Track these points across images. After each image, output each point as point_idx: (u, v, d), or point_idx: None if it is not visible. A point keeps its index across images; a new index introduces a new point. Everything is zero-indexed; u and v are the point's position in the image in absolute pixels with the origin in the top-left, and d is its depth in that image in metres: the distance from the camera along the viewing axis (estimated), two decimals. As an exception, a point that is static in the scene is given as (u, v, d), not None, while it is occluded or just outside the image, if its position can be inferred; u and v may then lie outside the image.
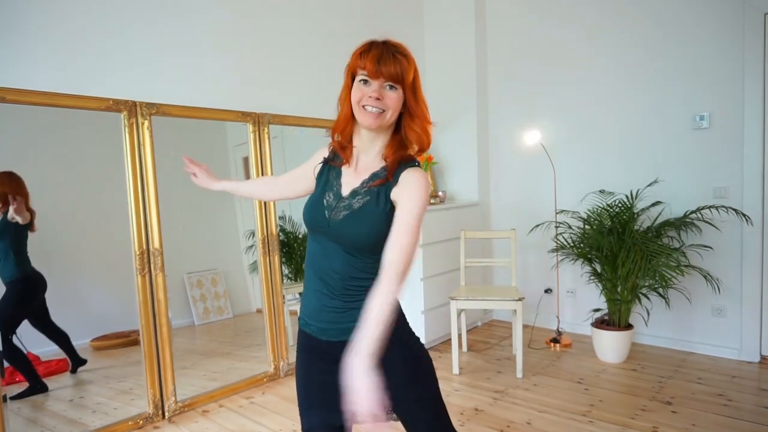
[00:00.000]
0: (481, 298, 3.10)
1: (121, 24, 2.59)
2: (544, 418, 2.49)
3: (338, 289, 1.23)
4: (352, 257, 1.21)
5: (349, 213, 1.21)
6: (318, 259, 1.26)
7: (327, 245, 1.24)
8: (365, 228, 1.19)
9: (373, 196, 1.21)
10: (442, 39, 4.30)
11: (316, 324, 1.26)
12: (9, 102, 2.17)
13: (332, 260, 1.23)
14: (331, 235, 1.22)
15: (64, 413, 2.45)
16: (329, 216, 1.23)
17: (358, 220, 1.20)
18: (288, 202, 3.33)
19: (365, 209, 1.20)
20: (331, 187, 1.28)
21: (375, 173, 1.24)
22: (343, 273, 1.22)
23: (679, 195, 3.31)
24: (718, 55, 3.15)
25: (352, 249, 1.21)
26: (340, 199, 1.24)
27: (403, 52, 1.22)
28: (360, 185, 1.24)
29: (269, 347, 3.09)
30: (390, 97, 1.20)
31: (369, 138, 1.26)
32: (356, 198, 1.23)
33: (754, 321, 3.12)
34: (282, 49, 3.35)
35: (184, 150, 3.00)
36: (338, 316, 1.23)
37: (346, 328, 1.21)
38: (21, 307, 2.53)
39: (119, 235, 2.56)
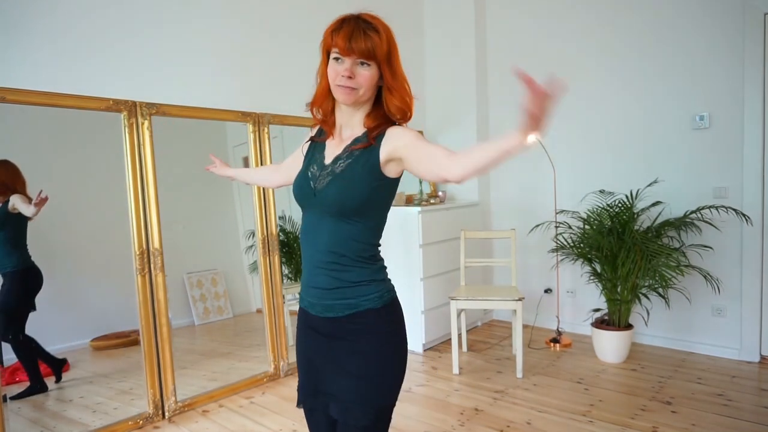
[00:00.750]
0: (481, 298, 3.10)
1: (122, 24, 2.59)
2: (544, 418, 2.49)
3: (327, 263, 1.20)
4: (341, 223, 1.19)
5: (332, 178, 1.20)
6: (306, 236, 1.25)
7: (316, 217, 1.23)
8: (349, 190, 1.17)
9: (354, 159, 1.20)
10: (442, 39, 4.30)
11: (308, 299, 1.26)
12: (9, 102, 2.17)
13: (321, 232, 1.21)
14: (318, 204, 1.21)
15: (64, 413, 2.46)
16: (314, 186, 1.23)
17: (341, 183, 1.19)
18: (288, 202, 3.34)
19: (347, 171, 1.19)
20: (315, 160, 1.29)
21: (357, 138, 1.23)
22: (331, 242, 1.20)
23: (679, 195, 3.31)
24: (718, 55, 3.15)
25: (338, 214, 1.19)
26: (323, 168, 1.24)
27: (375, 27, 1.21)
28: (342, 151, 1.24)
29: (269, 347, 3.09)
30: (362, 75, 1.18)
31: (349, 112, 1.26)
32: (338, 163, 1.22)
33: (754, 321, 3.12)
34: (282, 49, 3.35)
35: (184, 150, 3.02)
36: (325, 294, 1.21)
37: (331, 305, 1.21)
38: (24, 298, 2.52)
39: (119, 235, 2.56)
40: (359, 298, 1.20)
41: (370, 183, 1.18)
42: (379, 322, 1.21)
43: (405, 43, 1.45)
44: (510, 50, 4.11)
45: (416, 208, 3.46)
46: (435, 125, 4.42)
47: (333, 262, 1.20)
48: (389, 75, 1.20)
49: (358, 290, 1.20)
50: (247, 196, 3.11)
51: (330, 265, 1.20)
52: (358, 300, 1.20)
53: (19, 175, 2.46)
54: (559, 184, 3.74)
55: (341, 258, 1.20)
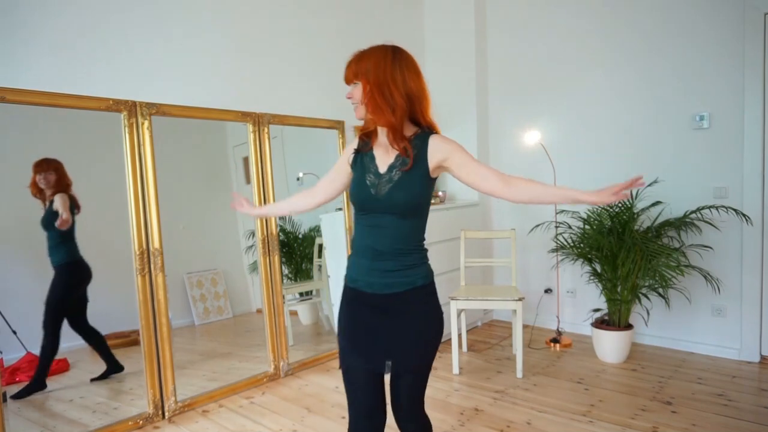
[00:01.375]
0: (481, 298, 3.10)
1: (122, 24, 2.59)
2: (544, 418, 2.49)
3: (389, 251, 1.48)
4: (401, 221, 1.47)
5: (392, 185, 1.45)
6: (370, 231, 1.50)
7: (377, 218, 1.48)
8: (407, 194, 1.45)
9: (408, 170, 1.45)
10: (443, 39, 4.30)
11: (364, 279, 1.52)
12: (9, 102, 2.17)
13: (383, 229, 1.48)
14: (381, 207, 1.46)
15: (64, 413, 2.45)
16: (375, 192, 1.46)
17: (400, 189, 1.44)
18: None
19: (405, 179, 1.45)
20: (368, 169, 1.51)
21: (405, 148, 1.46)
22: (394, 237, 1.48)
23: (679, 195, 3.31)
24: (718, 55, 3.15)
25: (399, 213, 1.46)
26: (380, 177, 1.48)
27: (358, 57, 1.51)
28: (395, 160, 1.47)
29: (269, 347, 3.09)
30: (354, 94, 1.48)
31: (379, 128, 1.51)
32: (394, 171, 1.46)
33: (754, 321, 3.12)
34: (282, 50, 3.35)
35: (184, 150, 3.01)
36: (386, 274, 1.49)
37: (392, 282, 1.49)
38: (68, 291, 2.65)
39: (119, 235, 2.56)
40: (414, 276, 1.51)
41: (423, 186, 1.47)
42: (426, 295, 1.55)
43: (405, 44, 1.48)
44: (510, 51, 4.11)
45: (416, 208, 3.45)
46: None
47: (397, 249, 1.48)
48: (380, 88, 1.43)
49: (412, 271, 1.51)
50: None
51: (394, 252, 1.48)
52: (413, 278, 1.51)
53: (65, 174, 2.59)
54: (559, 184, 3.74)
55: (403, 247, 1.49)
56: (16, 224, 2.45)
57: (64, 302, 2.63)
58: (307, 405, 2.74)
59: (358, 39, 3.88)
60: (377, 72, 1.44)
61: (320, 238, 3.64)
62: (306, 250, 3.66)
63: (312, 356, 3.37)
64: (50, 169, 2.55)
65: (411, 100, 1.44)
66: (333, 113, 3.61)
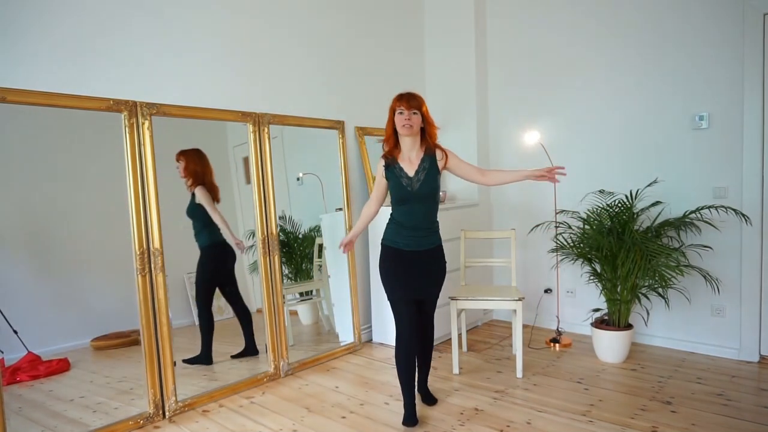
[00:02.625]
0: (481, 298, 3.10)
1: (122, 24, 2.60)
2: (544, 418, 2.49)
3: (423, 223, 2.44)
4: (428, 205, 2.44)
5: (420, 183, 2.39)
6: (411, 212, 2.42)
7: (413, 205, 2.41)
8: (430, 185, 2.41)
9: (428, 171, 2.41)
10: (443, 39, 4.30)
11: (403, 241, 2.43)
12: (10, 102, 2.18)
13: (419, 210, 2.42)
14: (415, 197, 2.39)
15: (64, 413, 2.46)
16: (411, 189, 2.39)
17: (426, 183, 2.40)
18: (288, 203, 3.37)
19: (427, 177, 2.40)
20: (401, 175, 2.41)
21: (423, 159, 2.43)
22: (425, 214, 2.44)
23: (678, 195, 3.31)
24: (718, 56, 3.16)
25: (427, 200, 2.42)
26: (411, 179, 2.40)
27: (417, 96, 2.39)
28: (418, 167, 2.41)
29: (269, 347, 3.10)
30: (415, 118, 2.36)
31: (411, 142, 2.43)
32: (419, 174, 2.41)
33: (754, 321, 3.13)
34: (282, 50, 3.35)
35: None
36: (425, 238, 2.46)
37: (429, 242, 2.47)
38: (213, 270, 3.00)
39: (119, 235, 2.56)
40: (436, 238, 2.52)
41: (437, 180, 2.46)
42: (441, 250, 2.55)
43: (405, 44, 1.48)
44: (510, 50, 4.11)
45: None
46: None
47: (429, 221, 2.47)
48: (427, 118, 2.43)
49: (435, 235, 2.52)
50: (248, 195, 3.12)
51: (427, 224, 2.46)
52: (435, 239, 2.51)
53: (208, 164, 2.87)
54: (559, 184, 3.73)
55: (431, 220, 2.49)
56: (16, 224, 2.45)
57: (211, 279, 2.99)
58: (307, 405, 2.74)
59: (359, 39, 3.91)
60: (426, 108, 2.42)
61: (320, 238, 3.64)
62: (306, 250, 3.66)
63: (312, 356, 3.38)
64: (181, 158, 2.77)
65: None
66: (333, 113, 3.61)
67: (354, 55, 3.82)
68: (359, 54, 3.86)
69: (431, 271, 2.48)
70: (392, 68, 4.12)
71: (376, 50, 3.99)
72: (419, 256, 2.43)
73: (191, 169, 2.82)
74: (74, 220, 2.63)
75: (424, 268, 2.45)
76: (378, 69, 4.00)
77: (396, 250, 2.44)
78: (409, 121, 2.32)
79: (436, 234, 2.51)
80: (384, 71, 4.05)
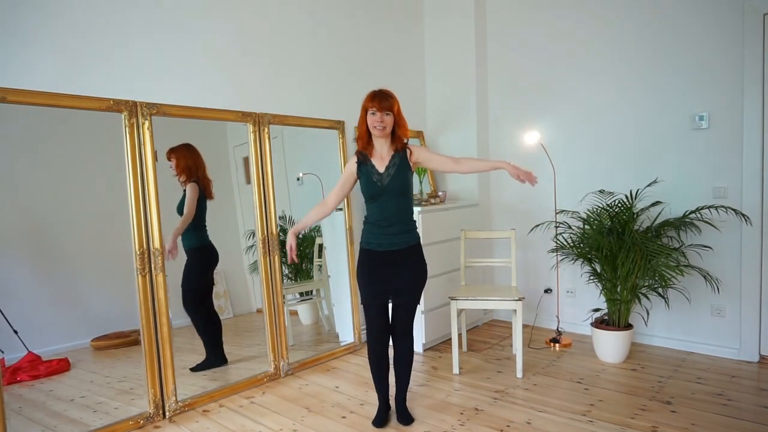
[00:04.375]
0: (481, 298, 3.10)
1: (122, 24, 2.60)
2: (544, 418, 2.49)
3: (396, 220, 2.35)
4: (399, 199, 2.35)
5: (390, 177, 2.34)
6: (382, 208, 2.35)
7: (384, 201, 2.34)
8: (400, 179, 2.34)
9: (398, 166, 2.35)
10: (442, 39, 4.31)
11: (376, 240, 2.36)
12: (10, 102, 2.17)
13: (390, 205, 2.34)
14: (385, 192, 2.33)
15: (65, 413, 2.46)
16: (381, 184, 2.33)
17: (396, 178, 2.33)
18: (288, 203, 3.37)
19: (397, 172, 2.34)
20: (372, 172, 2.36)
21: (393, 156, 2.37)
22: (396, 211, 2.35)
23: (678, 195, 3.31)
24: (718, 56, 3.16)
25: (398, 195, 2.34)
26: (381, 174, 2.35)
27: (391, 95, 2.33)
28: (389, 162, 2.36)
29: (269, 347, 3.10)
30: (387, 120, 2.31)
31: (381, 142, 2.38)
32: (390, 169, 2.35)
33: (754, 321, 3.13)
34: (282, 50, 3.35)
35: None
36: (398, 236, 2.36)
37: (401, 240, 2.36)
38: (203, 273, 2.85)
39: (120, 235, 2.56)
40: (411, 237, 2.40)
41: (408, 175, 2.38)
42: (418, 251, 2.44)
43: (405, 45, 1.48)
44: (510, 50, 4.11)
45: (417, 208, 3.45)
46: (435, 126, 4.43)
47: (401, 218, 2.37)
48: (398, 119, 2.35)
49: (410, 234, 2.40)
50: (248, 195, 3.12)
51: (399, 221, 2.36)
52: (411, 238, 2.40)
53: (200, 157, 2.81)
54: (559, 184, 3.75)
55: (404, 217, 2.39)
56: (16, 224, 2.45)
57: (199, 282, 2.87)
58: (307, 405, 2.74)
59: (359, 40, 3.91)
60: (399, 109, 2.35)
61: (320, 238, 3.65)
62: (306, 250, 3.66)
63: (312, 356, 3.38)
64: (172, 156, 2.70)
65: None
66: (333, 113, 3.61)
67: (354, 55, 3.82)
68: (359, 54, 3.86)
69: (405, 272, 2.37)
70: (392, 68, 4.12)
71: (376, 50, 3.99)
72: (393, 256, 2.34)
73: (183, 165, 2.75)
74: (74, 220, 2.63)
75: (398, 269, 2.35)
76: (378, 69, 4.00)
77: (369, 252, 2.38)
78: (382, 122, 2.28)
79: (412, 233, 2.41)
80: (384, 71, 4.05)
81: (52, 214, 2.56)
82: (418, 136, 4.32)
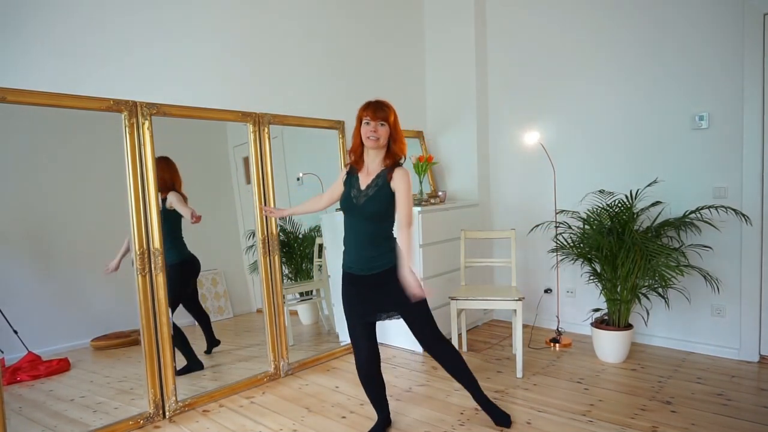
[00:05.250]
0: (481, 298, 3.10)
1: (122, 24, 2.60)
2: (544, 418, 2.49)
3: (367, 244, 2.16)
4: (372, 224, 2.15)
5: (366, 198, 2.14)
6: (354, 228, 2.18)
7: (356, 220, 2.17)
8: (376, 205, 2.13)
9: (379, 188, 2.13)
10: (442, 39, 4.31)
11: (356, 265, 2.18)
12: (10, 102, 2.17)
13: (361, 228, 2.17)
14: (358, 212, 2.15)
15: (65, 413, 2.46)
16: (356, 202, 2.15)
17: (372, 201, 2.13)
18: (288, 204, 3.37)
19: (376, 195, 2.13)
20: (353, 186, 2.19)
21: (378, 175, 2.16)
22: (369, 234, 2.16)
23: (678, 195, 3.31)
24: (718, 56, 3.16)
25: (371, 218, 2.14)
26: (360, 191, 2.17)
27: (387, 105, 2.15)
28: (371, 181, 2.15)
29: (269, 347, 3.10)
30: (381, 131, 2.12)
31: (373, 155, 2.18)
32: (369, 189, 2.15)
33: (754, 321, 3.13)
34: (282, 50, 3.35)
35: (184, 150, 3.01)
36: (369, 261, 2.16)
37: (373, 266, 2.16)
38: (180, 286, 2.78)
39: (120, 235, 2.56)
40: (384, 261, 2.17)
41: (388, 201, 2.14)
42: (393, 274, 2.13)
43: (405, 45, 1.48)
44: (510, 50, 4.11)
45: (416, 208, 3.46)
46: (435, 126, 4.43)
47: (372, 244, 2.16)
48: (394, 132, 2.16)
49: (383, 258, 2.17)
50: (248, 195, 3.12)
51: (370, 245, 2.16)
52: (384, 262, 2.16)
53: (177, 172, 2.76)
54: (559, 184, 3.75)
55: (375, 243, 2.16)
56: (16, 224, 2.45)
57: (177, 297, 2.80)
58: (307, 405, 2.74)
59: (359, 39, 3.91)
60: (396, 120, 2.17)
61: (320, 238, 3.65)
62: (306, 250, 3.66)
63: (312, 356, 3.38)
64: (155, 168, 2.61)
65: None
66: (333, 113, 3.61)
67: (354, 55, 3.82)
68: (359, 54, 3.86)
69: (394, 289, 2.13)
70: (392, 68, 4.12)
71: (376, 50, 3.99)
72: (375, 279, 2.16)
73: (159, 177, 2.62)
74: (74, 220, 2.63)
75: (385, 288, 2.16)
76: (378, 69, 4.01)
77: (350, 276, 2.22)
78: (375, 133, 2.09)
79: (385, 256, 2.16)
80: (384, 71, 4.05)
81: (52, 214, 2.56)
82: (417, 136, 4.32)
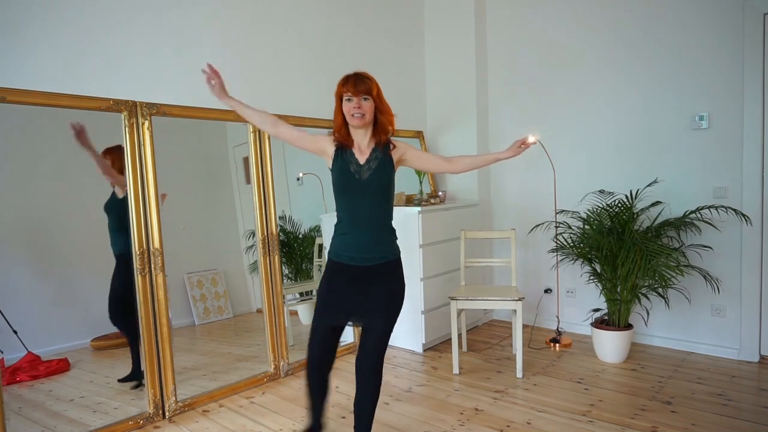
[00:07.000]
0: (481, 298, 3.10)
1: (122, 24, 2.60)
2: (544, 418, 2.49)
3: (370, 227, 1.92)
4: (377, 204, 1.93)
5: (371, 172, 1.93)
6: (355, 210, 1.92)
7: (358, 199, 1.92)
8: (383, 179, 1.94)
9: (380, 160, 1.96)
10: (442, 39, 4.31)
11: (347, 253, 1.92)
12: (9, 102, 2.17)
13: (364, 208, 1.92)
14: (362, 187, 1.91)
15: (64, 413, 2.46)
16: (359, 177, 1.92)
17: (378, 174, 1.93)
18: (288, 204, 3.36)
19: (379, 167, 1.94)
20: (350, 161, 1.95)
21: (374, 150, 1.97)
22: (372, 215, 1.92)
23: (678, 195, 3.31)
24: (718, 56, 3.16)
25: (377, 194, 1.93)
26: (361, 166, 1.94)
27: (368, 77, 1.94)
28: (370, 155, 1.96)
29: (269, 347, 3.10)
30: (366, 105, 1.91)
31: (360, 132, 1.97)
32: (371, 163, 1.95)
33: (754, 321, 3.13)
34: (282, 50, 3.35)
35: (184, 150, 3.02)
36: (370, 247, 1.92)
37: (373, 255, 1.92)
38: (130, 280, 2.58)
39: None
40: (389, 250, 1.96)
41: (391, 173, 1.97)
42: (398, 268, 1.99)
43: (405, 45, 1.49)
44: (510, 50, 4.11)
45: (416, 208, 3.46)
46: (435, 126, 4.42)
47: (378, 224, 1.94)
48: (379, 104, 1.95)
49: (388, 246, 1.96)
50: (248, 195, 3.11)
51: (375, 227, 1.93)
52: (389, 252, 1.96)
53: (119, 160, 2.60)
54: (559, 184, 3.75)
55: (382, 223, 1.95)
56: (16, 224, 2.45)
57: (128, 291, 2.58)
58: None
59: (359, 40, 3.91)
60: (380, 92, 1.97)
61: (320, 238, 3.64)
62: (306, 250, 3.66)
63: (312, 356, 3.37)
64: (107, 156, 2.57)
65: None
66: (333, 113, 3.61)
67: (354, 55, 3.81)
68: (359, 53, 3.86)
69: (378, 292, 1.92)
70: (392, 68, 4.12)
71: (376, 50, 3.99)
72: (367, 273, 1.91)
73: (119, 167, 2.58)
74: (74, 220, 2.63)
75: (370, 287, 1.92)
76: (378, 68, 3.96)
77: (339, 265, 1.94)
78: (360, 109, 1.89)
79: (389, 244, 1.97)
80: (384, 71, 4.03)
81: (52, 213, 2.55)
82: (417, 135, 4.32)
